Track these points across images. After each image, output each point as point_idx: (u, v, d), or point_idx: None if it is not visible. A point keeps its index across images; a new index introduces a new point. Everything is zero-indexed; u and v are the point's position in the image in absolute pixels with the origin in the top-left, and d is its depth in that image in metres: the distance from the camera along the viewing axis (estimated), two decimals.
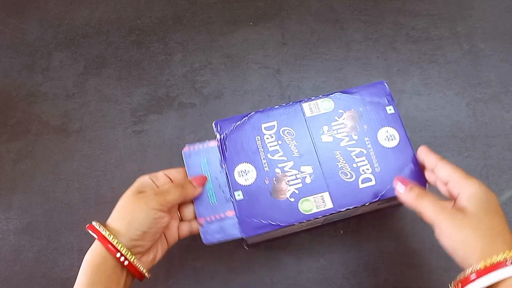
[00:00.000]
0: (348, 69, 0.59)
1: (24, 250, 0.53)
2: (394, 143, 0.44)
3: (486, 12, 0.61)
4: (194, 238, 0.52)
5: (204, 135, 0.56)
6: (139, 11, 0.64)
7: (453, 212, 0.35)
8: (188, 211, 0.43)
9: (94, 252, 0.37)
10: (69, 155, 0.57)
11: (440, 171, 0.38)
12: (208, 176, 0.44)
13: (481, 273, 0.32)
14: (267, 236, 0.45)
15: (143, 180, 0.42)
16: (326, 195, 0.43)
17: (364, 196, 0.42)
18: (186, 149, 0.45)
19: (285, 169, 0.44)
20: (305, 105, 0.46)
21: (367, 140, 0.44)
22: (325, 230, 0.51)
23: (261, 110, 0.46)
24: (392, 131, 0.45)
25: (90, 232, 0.38)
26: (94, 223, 0.39)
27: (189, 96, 0.58)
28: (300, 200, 0.42)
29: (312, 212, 0.42)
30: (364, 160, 0.43)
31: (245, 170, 0.43)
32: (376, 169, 0.43)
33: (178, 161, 0.55)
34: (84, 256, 0.37)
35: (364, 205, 0.42)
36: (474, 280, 0.32)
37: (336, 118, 0.45)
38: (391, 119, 0.45)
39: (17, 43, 0.63)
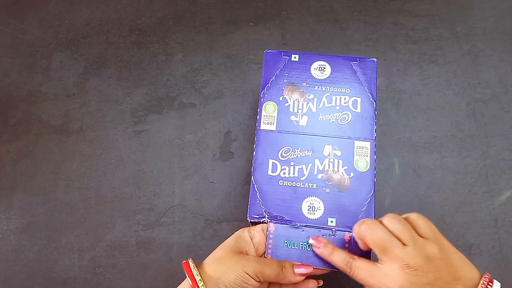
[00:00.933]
0: None
1: (25, 250, 0.53)
2: (327, 72, 0.47)
3: (486, 12, 0.61)
4: (195, 238, 0.52)
5: (204, 135, 0.56)
6: (139, 11, 0.64)
7: None
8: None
9: None
10: (69, 155, 0.57)
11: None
12: (301, 245, 0.42)
13: None
14: None
15: (244, 236, 0.41)
16: (356, 143, 0.44)
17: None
18: (269, 257, 0.42)
19: (321, 168, 0.44)
20: (263, 126, 0.46)
21: (316, 87, 0.46)
22: None
23: (256, 173, 0.44)
24: (320, 63, 0.47)
25: (185, 271, 0.38)
26: (191, 263, 0.39)
27: (189, 96, 0.59)
28: (354, 164, 0.44)
29: (369, 163, 0.44)
30: (334, 93, 0.46)
31: (309, 206, 0.43)
32: (344, 90, 0.47)
33: (178, 161, 0.56)
34: (85, 255, 0.37)
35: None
36: None
37: (286, 105, 0.46)
38: (308, 59, 0.48)
39: (17, 43, 0.63)
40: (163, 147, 0.56)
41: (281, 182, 0.43)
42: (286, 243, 0.42)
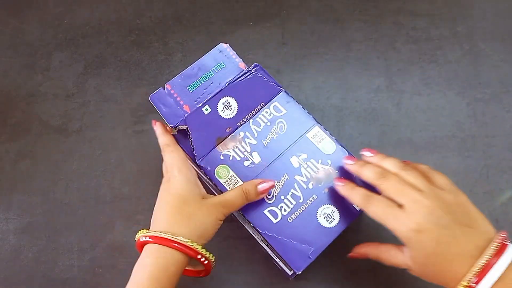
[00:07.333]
0: (348, 69, 0.59)
1: (24, 250, 0.53)
2: (233, 105, 0.45)
3: (486, 12, 0.61)
4: None
5: None
6: (139, 11, 0.64)
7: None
8: None
9: (177, 262, 0.39)
10: (69, 155, 0.57)
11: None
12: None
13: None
14: None
15: (195, 179, 0.43)
16: (308, 135, 0.45)
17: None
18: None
19: (305, 180, 0.43)
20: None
21: (238, 123, 0.45)
22: None
23: (259, 229, 0.43)
24: (223, 101, 0.45)
25: (184, 251, 0.38)
26: (183, 239, 0.39)
27: None
28: (323, 152, 0.45)
29: (332, 141, 0.45)
30: (254, 116, 0.45)
31: (324, 216, 0.43)
32: (259, 107, 0.46)
33: None
34: (84, 256, 0.37)
35: None
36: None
37: (231, 159, 0.44)
38: (212, 104, 0.45)
39: (17, 43, 0.63)
40: None
41: (290, 219, 0.43)
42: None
